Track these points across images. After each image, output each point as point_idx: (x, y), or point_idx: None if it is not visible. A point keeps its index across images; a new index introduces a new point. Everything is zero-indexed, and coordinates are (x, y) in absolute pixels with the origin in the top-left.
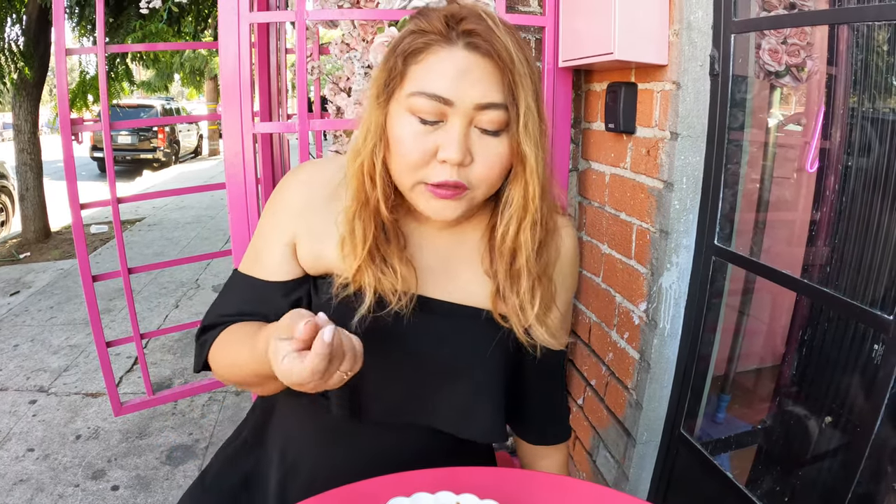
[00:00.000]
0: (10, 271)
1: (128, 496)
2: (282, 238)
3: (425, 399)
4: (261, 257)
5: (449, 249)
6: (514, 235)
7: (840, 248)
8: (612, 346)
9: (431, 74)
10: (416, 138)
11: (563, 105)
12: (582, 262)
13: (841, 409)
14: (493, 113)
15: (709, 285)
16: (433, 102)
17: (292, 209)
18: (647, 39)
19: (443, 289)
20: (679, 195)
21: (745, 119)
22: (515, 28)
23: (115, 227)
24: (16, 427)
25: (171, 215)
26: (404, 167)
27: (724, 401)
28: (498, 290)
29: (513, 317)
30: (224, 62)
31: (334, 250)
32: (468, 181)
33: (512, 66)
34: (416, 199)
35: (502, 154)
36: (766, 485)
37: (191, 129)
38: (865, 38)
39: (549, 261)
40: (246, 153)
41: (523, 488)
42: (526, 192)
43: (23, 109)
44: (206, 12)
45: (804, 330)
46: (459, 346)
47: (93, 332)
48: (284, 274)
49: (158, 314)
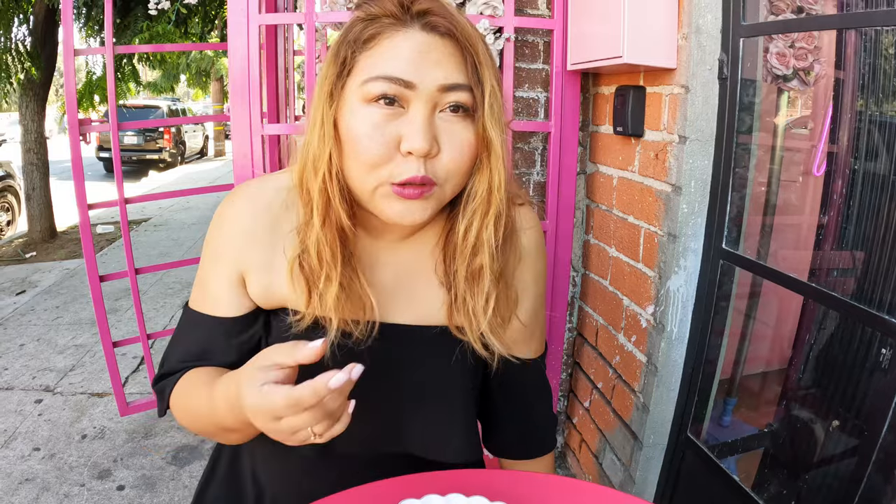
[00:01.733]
0: (16, 271)
1: (133, 496)
2: (228, 272)
3: (397, 427)
4: (209, 292)
5: (404, 265)
6: (477, 231)
7: (848, 251)
8: (619, 349)
9: (388, 57)
10: (375, 130)
11: (571, 108)
12: (589, 264)
13: (848, 414)
14: (458, 94)
15: (717, 289)
16: (393, 86)
17: (234, 241)
18: (656, 43)
19: (402, 311)
20: (687, 199)
21: (753, 122)
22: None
23: (123, 228)
24: (21, 426)
25: (177, 216)
26: (364, 166)
27: (731, 404)
28: (455, 298)
29: (470, 328)
30: (233, 63)
31: (285, 283)
32: (436, 175)
33: (475, 46)
34: (378, 203)
35: (470, 140)
36: (773, 488)
37: (196, 130)
38: (873, 42)
39: (505, 263)
40: (254, 154)
41: (534, 490)
42: (491, 181)
43: (29, 109)
44: (212, 14)
45: (811, 334)
46: (425, 370)
47: (99, 332)
48: (236, 309)
49: (164, 314)
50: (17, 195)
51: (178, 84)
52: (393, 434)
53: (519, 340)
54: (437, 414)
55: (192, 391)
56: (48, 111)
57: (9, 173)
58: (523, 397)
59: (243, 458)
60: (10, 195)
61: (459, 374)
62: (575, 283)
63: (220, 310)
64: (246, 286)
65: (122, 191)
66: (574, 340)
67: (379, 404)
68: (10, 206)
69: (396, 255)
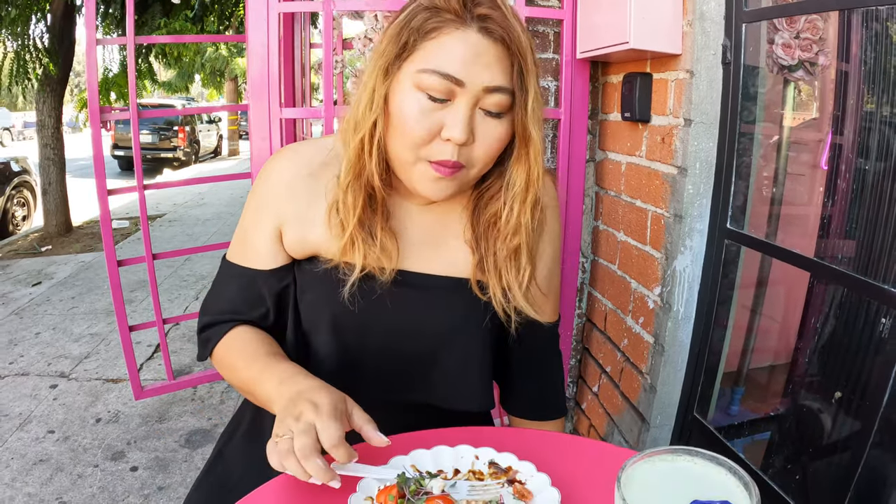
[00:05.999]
0: (31, 263)
1: (146, 477)
2: (268, 224)
3: (414, 374)
4: (249, 245)
5: (433, 223)
6: (517, 216)
7: (850, 227)
8: (627, 332)
9: (445, 53)
10: (423, 115)
11: (580, 96)
12: (598, 250)
13: (854, 386)
14: (499, 96)
15: (721, 268)
16: (444, 81)
17: (278, 194)
18: (662, 30)
19: (426, 262)
20: (693, 180)
21: (756, 106)
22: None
23: (141, 210)
24: (37, 410)
25: (192, 212)
26: (407, 143)
27: (738, 393)
28: (480, 261)
29: (495, 287)
30: (252, 50)
31: (319, 232)
32: (467, 160)
33: (523, 53)
34: (412, 174)
35: (502, 136)
36: (779, 464)
37: (211, 130)
38: (877, 31)
39: (537, 238)
40: (273, 138)
41: (542, 444)
42: (530, 173)
43: (46, 105)
44: (227, 13)
45: (817, 310)
46: (444, 317)
47: (116, 316)
48: (273, 261)
49: (179, 305)
50: (32, 191)
51: (192, 84)
52: (410, 381)
53: (535, 302)
54: (453, 362)
55: (240, 361)
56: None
57: (25, 169)
58: (538, 361)
59: (268, 416)
60: (27, 190)
61: (476, 326)
62: (585, 269)
63: (260, 262)
64: (283, 239)
65: (140, 176)
66: (583, 327)
67: (398, 350)
68: (26, 201)
69: (424, 214)
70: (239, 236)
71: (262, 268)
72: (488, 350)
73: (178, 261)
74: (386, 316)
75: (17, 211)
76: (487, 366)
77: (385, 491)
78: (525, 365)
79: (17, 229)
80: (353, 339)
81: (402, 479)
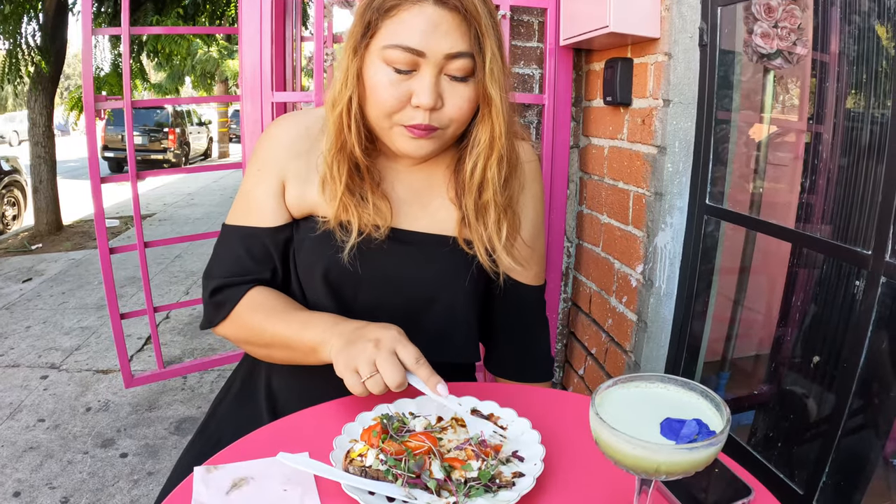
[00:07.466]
0: (22, 261)
1: (136, 462)
2: (272, 180)
3: (406, 327)
4: (253, 204)
5: (419, 182)
6: (482, 171)
7: (821, 196)
8: (611, 312)
9: (404, 28)
10: (392, 86)
11: (564, 83)
12: (582, 234)
13: (831, 348)
14: (461, 61)
15: (702, 243)
16: (407, 54)
17: (280, 153)
18: (641, 14)
19: (415, 219)
20: (672, 158)
21: (732, 86)
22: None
23: (134, 199)
24: (27, 400)
25: (182, 211)
26: (381, 112)
27: (724, 376)
28: (463, 218)
29: (478, 243)
30: (245, 38)
31: (316, 192)
32: (440, 122)
33: (478, 18)
34: (392, 138)
35: (470, 97)
36: (761, 433)
37: (201, 132)
38: (851, 20)
39: (512, 194)
40: (264, 121)
41: (523, 396)
42: (492, 131)
43: (38, 104)
44: (219, 12)
45: (795, 279)
46: (433, 271)
47: (108, 304)
48: (277, 218)
49: (169, 300)
50: (23, 190)
51: (182, 86)
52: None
53: (521, 259)
54: (441, 315)
55: (272, 317)
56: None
57: (15, 168)
58: (524, 323)
59: (259, 376)
60: (17, 190)
61: (463, 280)
62: (570, 253)
63: (264, 219)
64: (284, 195)
65: (133, 164)
66: (569, 311)
67: (389, 304)
68: (17, 200)
69: (411, 174)
70: (240, 200)
71: (266, 225)
72: (475, 304)
73: (168, 257)
74: (378, 271)
75: (8, 210)
76: (474, 319)
77: (369, 430)
78: (510, 326)
79: (7, 228)
80: (346, 294)
81: (385, 417)
